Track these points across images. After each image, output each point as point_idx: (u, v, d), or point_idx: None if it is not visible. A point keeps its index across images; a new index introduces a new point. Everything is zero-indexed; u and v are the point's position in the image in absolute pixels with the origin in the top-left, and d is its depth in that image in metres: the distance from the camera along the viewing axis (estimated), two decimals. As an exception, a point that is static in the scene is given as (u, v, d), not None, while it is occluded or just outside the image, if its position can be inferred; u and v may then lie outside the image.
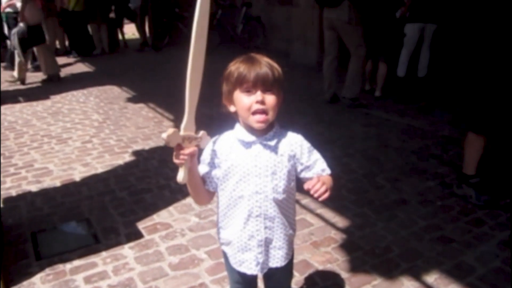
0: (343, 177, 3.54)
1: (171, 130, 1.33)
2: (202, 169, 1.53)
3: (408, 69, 5.98)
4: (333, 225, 2.90)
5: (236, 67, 1.41)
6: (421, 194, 3.28)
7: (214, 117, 1.25)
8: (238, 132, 1.51)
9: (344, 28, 5.21)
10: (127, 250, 2.67)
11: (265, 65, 1.40)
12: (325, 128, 4.77)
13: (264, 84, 1.39)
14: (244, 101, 1.41)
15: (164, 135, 1.33)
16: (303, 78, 7.18)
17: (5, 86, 7.34)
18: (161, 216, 3.01)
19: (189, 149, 1.38)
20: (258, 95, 1.39)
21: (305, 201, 3.15)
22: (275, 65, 1.45)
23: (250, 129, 1.47)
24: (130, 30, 12.75)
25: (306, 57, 8.37)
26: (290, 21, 8.93)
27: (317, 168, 1.53)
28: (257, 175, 1.47)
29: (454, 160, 3.81)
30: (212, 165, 1.52)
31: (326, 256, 2.58)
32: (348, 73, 5.47)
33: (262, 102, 1.40)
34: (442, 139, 4.37)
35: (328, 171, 1.54)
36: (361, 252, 2.61)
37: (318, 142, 1.70)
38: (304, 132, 1.50)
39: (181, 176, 1.40)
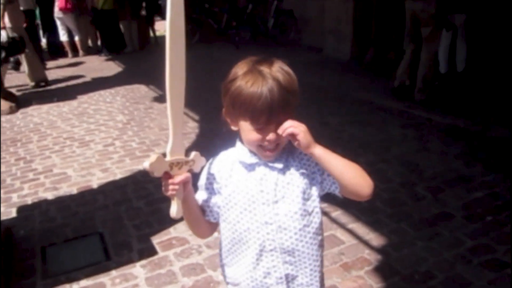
0: (377, 186, 3.15)
1: (154, 157, 1.08)
2: (200, 196, 1.28)
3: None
4: (366, 243, 2.58)
5: (248, 94, 1.10)
6: (468, 207, 2.91)
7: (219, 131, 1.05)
8: (238, 152, 1.25)
9: (427, 21, 4.94)
10: (138, 269, 2.46)
11: (278, 86, 1.10)
12: (358, 129, 4.42)
13: (278, 117, 1.12)
14: (251, 137, 1.16)
15: (146, 164, 1.08)
16: (336, 75, 6.82)
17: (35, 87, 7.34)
18: (178, 230, 2.78)
19: (179, 177, 1.13)
20: (271, 135, 1.14)
21: (336, 214, 2.85)
22: (288, 76, 1.14)
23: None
24: (161, 27, 12.67)
25: (339, 51, 7.98)
26: (323, 14, 8.55)
27: None
28: (264, 202, 1.21)
29: (504, 165, 3.41)
30: (211, 191, 1.27)
31: (359, 281, 2.28)
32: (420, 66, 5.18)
33: (275, 141, 1.15)
34: (489, 141, 3.95)
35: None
36: (398, 277, 2.29)
37: (351, 145, 1.41)
38: (336, 134, 1.22)
39: (174, 210, 1.15)
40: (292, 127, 1.12)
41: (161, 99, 6.14)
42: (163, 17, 11.33)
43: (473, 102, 4.99)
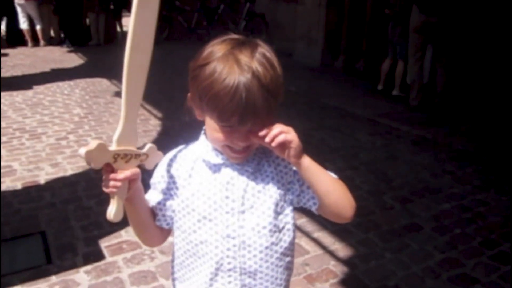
0: (345, 194, 3.07)
1: (93, 143, 0.85)
2: (152, 197, 1.06)
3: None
4: (332, 254, 2.43)
5: (217, 89, 0.88)
6: (437, 218, 2.81)
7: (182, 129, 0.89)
8: (202, 148, 1.04)
9: (442, 33, 5.00)
10: (81, 275, 2.20)
11: (257, 84, 0.88)
12: (327, 135, 4.31)
13: (252, 120, 0.90)
14: (216, 136, 0.95)
15: (82, 151, 0.85)
16: (305, 80, 6.72)
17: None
18: (130, 233, 2.54)
19: (124, 173, 0.90)
20: (241, 139, 0.93)
21: (300, 221, 2.69)
22: (271, 70, 0.91)
23: None
24: (127, 23, 12.30)
25: (309, 57, 7.91)
26: (294, 19, 8.47)
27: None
28: (228, 211, 1.00)
29: (471, 178, 3.36)
30: (165, 192, 1.05)
31: (323, 295, 2.12)
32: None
33: (246, 147, 0.96)
34: (456, 153, 3.91)
35: (334, 175, 1.06)
36: (366, 291, 2.15)
37: (319, 150, 1.23)
38: (304, 139, 1.03)
39: (111, 211, 0.92)
40: (282, 133, 0.93)
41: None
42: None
43: (447, 113, 4.98)
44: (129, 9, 11.21)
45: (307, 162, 0.98)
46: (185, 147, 1.08)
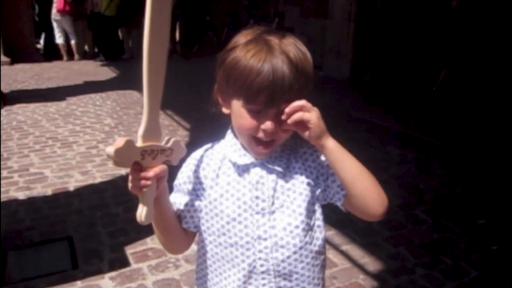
0: (375, 207, 2.98)
1: (121, 141, 0.80)
2: (178, 199, 1.02)
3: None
4: (361, 268, 2.35)
5: (246, 65, 0.87)
6: (471, 234, 2.69)
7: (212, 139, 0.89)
8: (229, 148, 1.00)
9: None
10: (106, 281, 2.20)
11: (287, 61, 0.87)
12: (356, 148, 4.19)
13: (280, 101, 0.87)
14: (243, 122, 0.91)
15: (110, 150, 0.79)
16: (334, 93, 6.66)
17: (25, 85, 7.13)
18: (155, 241, 2.53)
19: (153, 170, 0.85)
20: (268, 124, 0.89)
21: (329, 233, 2.62)
22: (302, 54, 0.90)
23: None
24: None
25: (338, 71, 7.86)
26: (323, 33, 8.46)
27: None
28: (259, 212, 0.96)
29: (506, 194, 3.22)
30: (192, 193, 1.01)
31: (351, 309, 2.04)
32: None
33: (271, 134, 0.90)
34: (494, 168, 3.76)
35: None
36: (396, 307, 2.06)
37: None
38: None
39: (143, 212, 0.87)
40: (302, 109, 0.87)
41: (153, 105, 5.93)
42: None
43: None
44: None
45: (331, 144, 0.92)
46: (211, 146, 1.04)
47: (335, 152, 0.92)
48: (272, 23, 10.14)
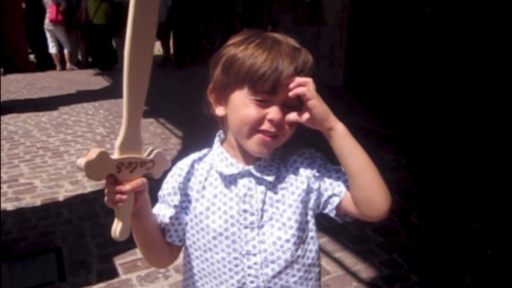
0: (368, 213, 2.95)
1: (94, 152, 0.76)
2: (162, 211, 0.97)
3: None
4: (354, 275, 2.31)
5: (249, 54, 0.86)
6: (466, 239, 2.66)
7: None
8: (216, 157, 0.96)
9: None
10: (94, 293, 2.15)
11: (296, 52, 0.87)
12: (349, 153, 4.19)
13: (289, 83, 0.85)
14: (249, 112, 0.86)
15: (81, 162, 0.75)
16: (328, 99, 6.58)
17: (17, 95, 7.09)
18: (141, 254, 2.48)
19: (130, 183, 0.80)
20: (275, 111, 0.86)
21: (321, 241, 2.58)
22: (306, 53, 0.91)
23: (239, 150, 0.94)
24: (155, 47, 12.56)
25: (332, 77, 7.86)
26: (317, 40, 8.47)
27: (342, 181, 0.95)
28: (247, 226, 0.92)
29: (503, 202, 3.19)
30: (177, 205, 0.97)
31: (344, 318, 2.00)
32: None
33: (278, 124, 0.87)
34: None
35: None
36: (390, 315, 2.02)
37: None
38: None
39: (117, 228, 0.83)
40: (306, 86, 0.84)
41: (145, 114, 5.81)
42: (157, 36, 11.21)
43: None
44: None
45: (341, 127, 0.88)
46: (198, 156, 1.00)
47: (345, 136, 0.88)
48: (266, 30, 10.17)
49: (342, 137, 0.88)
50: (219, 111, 0.93)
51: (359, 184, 0.89)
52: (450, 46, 5.92)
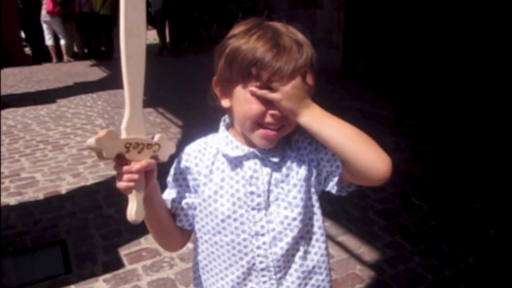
0: (370, 196, 2.97)
1: (103, 131, 0.78)
2: (170, 196, 0.98)
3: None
4: (358, 258, 2.33)
5: (251, 47, 0.85)
6: (468, 219, 2.67)
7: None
8: (221, 141, 0.97)
9: None
10: (101, 284, 2.17)
11: (296, 45, 0.86)
12: (350, 137, 4.19)
13: (293, 75, 0.85)
14: (251, 107, 0.86)
15: (91, 141, 0.77)
16: (327, 83, 6.61)
17: (15, 89, 7.07)
18: (150, 240, 2.50)
19: (140, 163, 0.82)
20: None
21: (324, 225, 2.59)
22: (306, 37, 0.90)
23: (243, 136, 0.95)
24: (152, 36, 12.45)
25: (330, 61, 7.81)
26: (314, 24, 8.40)
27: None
28: (254, 207, 0.94)
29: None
30: (185, 189, 0.98)
31: (349, 301, 2.02)
32: None
33: (282, 118, 0.87)
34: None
35: None
36: (394, 296, 2.04)
37: None
38: None
39: (132, 210, 0.83)
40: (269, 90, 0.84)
41: (144, 104, 5.74)
42: (151, 24, 11.12)
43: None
44: (149, 23, 11.38)
45: (303, 120, 0.86)
46: (204, 140, 1.00)
47: (309, 127, 0.86)
48: (262, 15, 10.09)
49: (308, 128, 0.87)
50: (225, 103, 0.93)
51: (344, 158, 0.87)
52: (449, 26, 5.87)
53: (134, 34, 0.82)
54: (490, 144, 3.83)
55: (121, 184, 0.82)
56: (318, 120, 0.86)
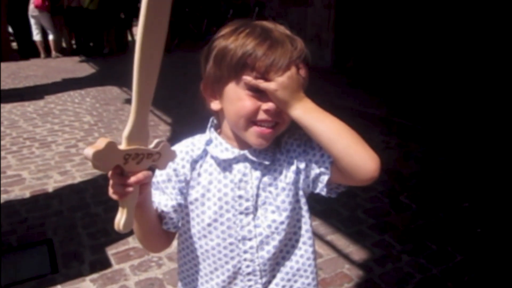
0: (358, 195, 2.98)
1: (102, 142, 0.71)
2: (156, 198, 0.95)
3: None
4: (346, 257, 2.33)
5: (241, 43, 0.84)
6: (455, 217, 2.69)
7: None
8: (211, 143, 0.95)
9: None
10: (88, 284, 2.14)
11: (288, 39, 0.85)
12: (339, 136, 4.20)
13: (287, 68, 0.84)
14: (244, 104, 0.84)
15: (89, 152, 0.70)
16: (317, 81, 6.61)
17: (2, 85, 6.95)
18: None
19: (136, 176, 0.76)
20: (270, 103, 0.84)
21: (313, 224, 2.59)
22: (299, 41, 0.88)
23: (235, 139, 0.92)
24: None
25: (320, 58, 7.82)
26: (305, 21, 8.40)
27: (326, 157, 0.92)
28: (242, 212, 0.92)
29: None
30: (172, 192, 0.95)
31: (337, 300, 2.02)
32: None
33: (274, 113, 0.85)
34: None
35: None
36: (382, 296, 2.05)
37: None
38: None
39: (121, 220, 0.79)
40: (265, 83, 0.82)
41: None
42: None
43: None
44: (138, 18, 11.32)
45: (295, 114, 0.84)
46: (191, 141, 0.97)
47: (301, 121, 0.85)
48: (253, 13, 10.05)
49: (299, 122, 0.85)
50: (215, 105, 0.91)
51: (334, 154, 0.85)
52: (439, 25, 5.90)
53: (154, 35, 0.73)
54: (478, 143, 3.86)
55: (114, 194, 0.78)
56: (310, 114, 0.85)
